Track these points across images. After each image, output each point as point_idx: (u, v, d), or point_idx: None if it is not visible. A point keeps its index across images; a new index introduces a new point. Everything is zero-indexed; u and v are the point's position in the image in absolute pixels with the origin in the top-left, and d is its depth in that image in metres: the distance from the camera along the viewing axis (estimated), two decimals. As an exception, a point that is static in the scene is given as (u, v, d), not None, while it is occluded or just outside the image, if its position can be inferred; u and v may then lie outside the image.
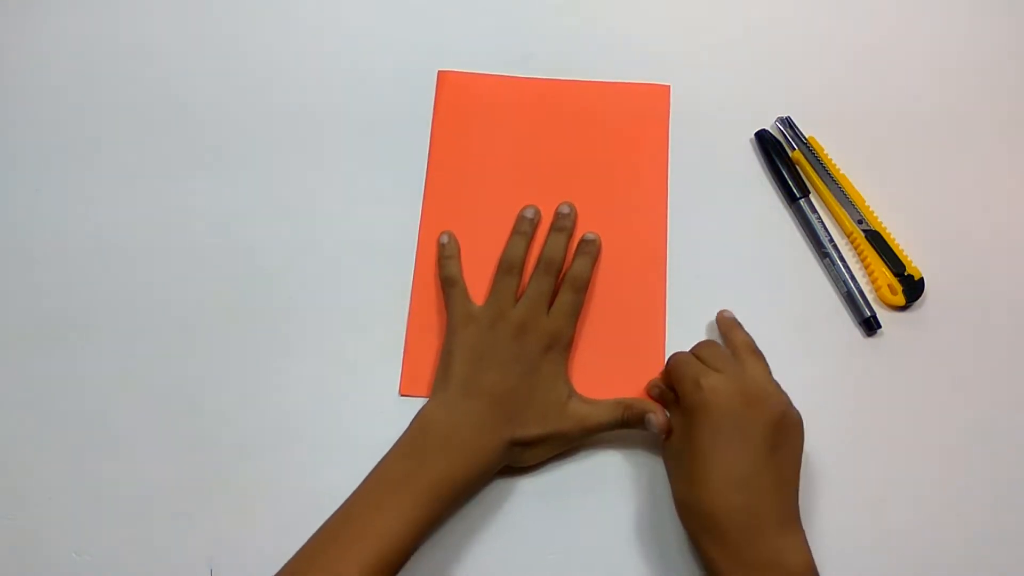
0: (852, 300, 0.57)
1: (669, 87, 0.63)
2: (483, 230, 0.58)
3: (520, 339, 0.53)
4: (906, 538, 0.52)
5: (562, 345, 0.54)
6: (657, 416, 0.51)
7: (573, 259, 0.57)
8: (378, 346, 0.56)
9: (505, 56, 0.64)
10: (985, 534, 0.52)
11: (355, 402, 0.55)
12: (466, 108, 0.62)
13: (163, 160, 0.61)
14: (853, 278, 0.57)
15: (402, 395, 0.54)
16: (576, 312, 0.55)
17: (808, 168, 0.60)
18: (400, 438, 0.50)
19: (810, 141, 0.60)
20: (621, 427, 0.52)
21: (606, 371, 0.55)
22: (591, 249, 0.57)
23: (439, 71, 0.63)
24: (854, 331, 0.57)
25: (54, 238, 0.59)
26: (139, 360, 0.56)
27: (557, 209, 0.58)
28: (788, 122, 0.61)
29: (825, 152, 0.60)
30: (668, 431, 0.51)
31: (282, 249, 0.58)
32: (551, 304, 0.55)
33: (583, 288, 0.56)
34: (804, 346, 0.56)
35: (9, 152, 0.62)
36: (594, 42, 0.65)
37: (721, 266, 0.58)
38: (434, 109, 0.62)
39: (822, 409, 0.55)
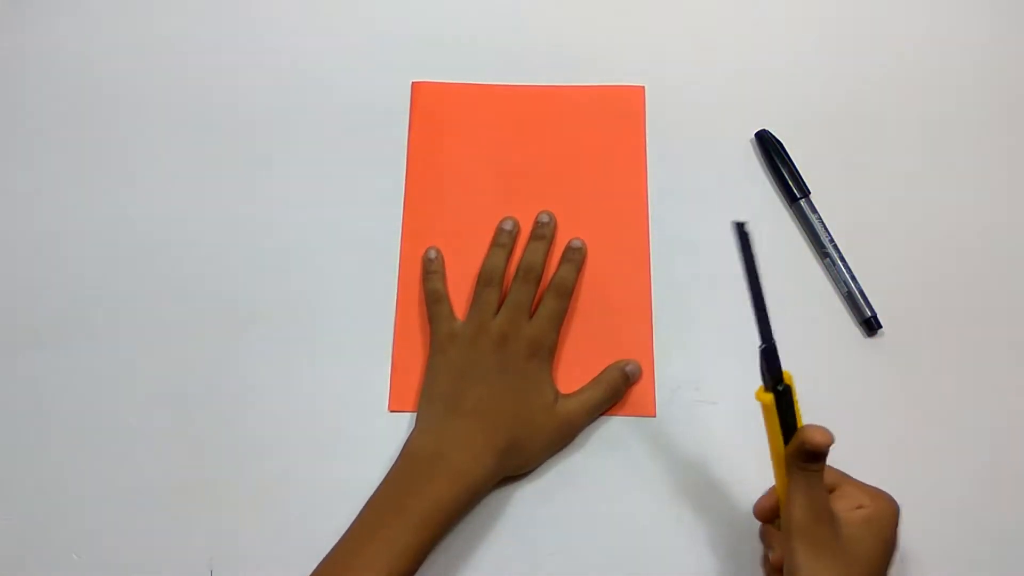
0: (852, 300, 0.57)
1: (644, 88, 0.63)
2: (464, 241, 0.58)
3: (502, 350, 0.52)
4: (907, 538, 0.52)
5: (545, 351, 0.53)
6: (632, 363, 0.54)
7: (558, 266, 0.57)
8: (366, 361, 0.56)
9: (484, 64, 0.64)
10: (986, 534, 0.52)
11: (346, 417, 0.54)
12: (441, 118, 0.62)
13: (161, 163, 0.61)
14: (854, 278, 0.57)
15: (391, 411, 0.54)
16: (559, 319, 0.55)
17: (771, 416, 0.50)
18: (389, 470, 0.49)
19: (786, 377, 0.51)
20: (612, 401, 0.54)
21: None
22: (576, 256, 0.57)
23: (412, 82, 0.63)
24: (854, 331, 0.57)
25: (54, 238, 0.59)
26: (138, 360, 0.56)
27: (536, 218, 0.58)
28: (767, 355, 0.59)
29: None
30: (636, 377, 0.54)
31: (279, 255, 0.59)
32: (534, 311, 0.55)
33: (567, 295, 0.55)
34: (804, 346, 0.56)
35: (9, 152, 0.62)
36: (584, 46, 0.65)
37: (721, 266, 0.58)
38: (409, 121, 0.62)
39: (822, 409, 0.55)
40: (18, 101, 0.63)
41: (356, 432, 0.54)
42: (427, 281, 0.57)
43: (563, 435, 0.53)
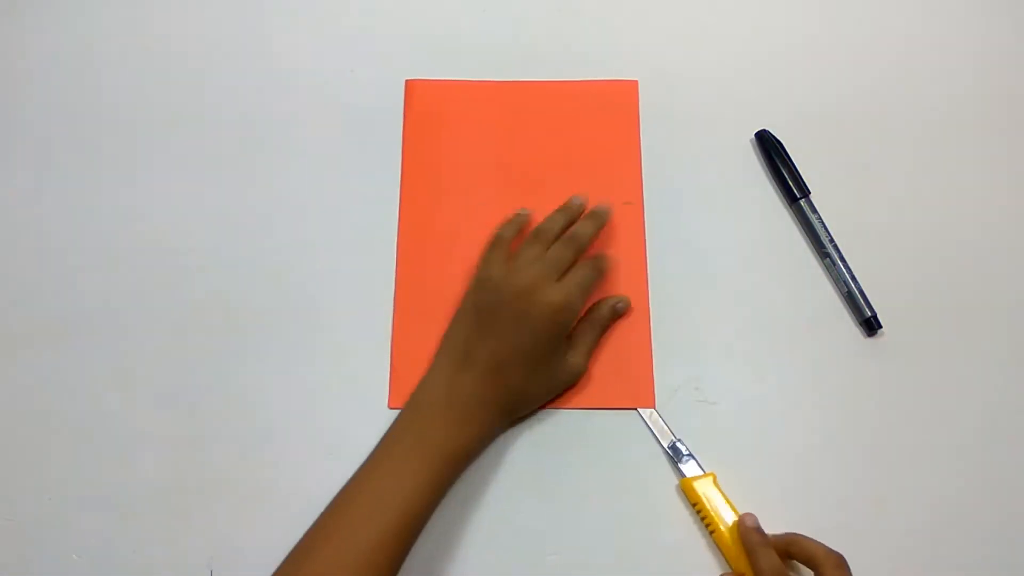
0: (852, 300, 0.57)
1: (637, 82, 0.63)
2: (459, 238, 0.59)
3: (526, 302, 0.51)
4: (906, 538, 0.52)
5: (568, 317, 0.52)
6: (623, 301, 0.56)
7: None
8: (365, 359, 0.56)
9: (478, 61, 0.64)
10: (985, 534, 0.52)
11: (346, 415, 0.54)
12: (436, 116, 0.62)
13: (160, 162, 0.61)
14: (854, 278, 0.57)
15: (391, 408, 0.54)
16: (588, 287, 0.54)
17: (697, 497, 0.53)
18: (400, 414, 0.51)
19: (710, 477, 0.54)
20: (602, 334, 0.56)
21: (592, 378, 0.55)
22: (602, 217, 0.56)
23: (406, 80, 0.63)
24: (854, 331, 0.57)
25: (54, 238, 0.59)
26: (138, 360, 0.56)
27: (599, 204, 0.57)
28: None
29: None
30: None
31: (277, 254, 0.59)
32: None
33: (602, 270, 0.55)
34: (804, 346, 0.56)
35: (9, 152, 0.62)
36: (582, 44, 0.65)
37: (721, 266, 0.58)
38: (404, 119, 0.62)
39: (822, 409, 0.55)
40: (17, 101, 0.63)
41: (356, 431, 0.53)
42: (500, 227, 0.56)
43: (566, 384, 0.54)
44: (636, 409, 0.55)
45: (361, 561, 0.45)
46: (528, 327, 0.51)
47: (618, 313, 0.56)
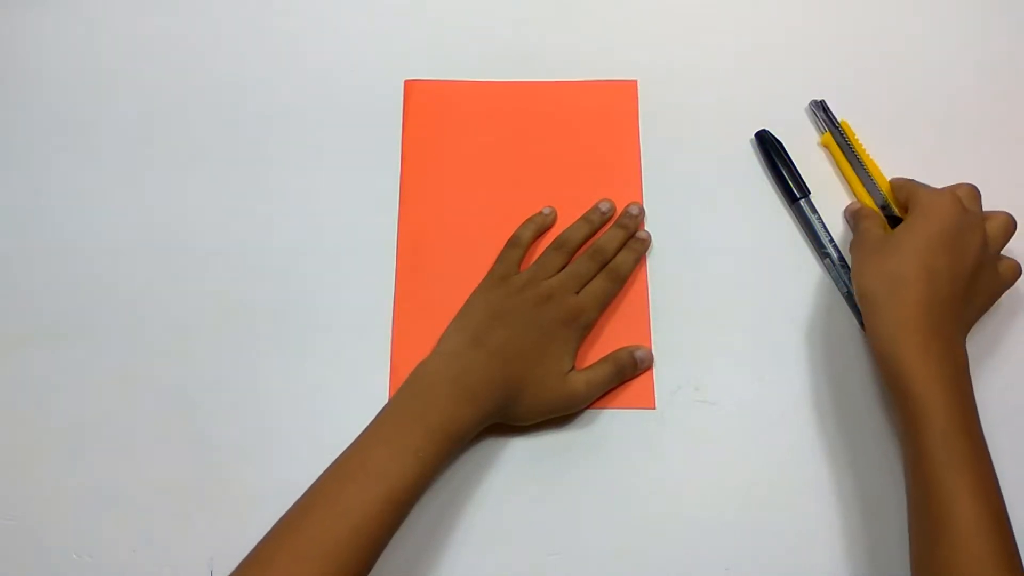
0: (852, 300, 0.57)
1: (636, 82, 0.63)
2: (460, 238, 0.59)
3: (541, 307, 0.53)
4: (905, 539, 0.52)
5: (580, 324, 0.54)
6: (643, 349, 0.55)
7: (619, 252, 0.57)
8: (365, 359, 0.56)
9: (477, 61, 0.64)
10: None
11: (346, 415, 0.54)
12: (435, 116, 0.62)
13: (160, 162, 0.61)
14: (853, 278, 0.57)
15: None
16: (605, 300, 0.56)
17: (837, 151, 0.60)
18: (403, 385, 0.51)
19: (842, 125, 0.61)
20: (617, 382, 0.54)
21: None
22: (638, 247, 0.58)
23: (405, 80, 0.63)
24: (854, 331, 0.57)
25: (54, 238, 0.59)
26: (138, 360, 0.56)
27: (626, 208, 0.59)
28: (821, 105, 0.61)
29: (856, 137, 0.60)
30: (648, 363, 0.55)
31: (277, 255, 0.59)
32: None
33: (619, 280, 0.56)
34: (804, 346, 0.56)
35: (9, 152, 0.62)
36: (581, 43, 0.65)
37: (721, 266, 0.58)
38: (403, 119, 0.62)
39: (822, 409, 0.55)
40: (17, 98, 0.63)
41: (357, 430, 0.53)
42: (520, 226, 0.58)
43: (566, 405, 0.54)
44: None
45: (351, 530, 0.44)
46: (539, 327, 0.53)
47: (638, 363, 0.55)
